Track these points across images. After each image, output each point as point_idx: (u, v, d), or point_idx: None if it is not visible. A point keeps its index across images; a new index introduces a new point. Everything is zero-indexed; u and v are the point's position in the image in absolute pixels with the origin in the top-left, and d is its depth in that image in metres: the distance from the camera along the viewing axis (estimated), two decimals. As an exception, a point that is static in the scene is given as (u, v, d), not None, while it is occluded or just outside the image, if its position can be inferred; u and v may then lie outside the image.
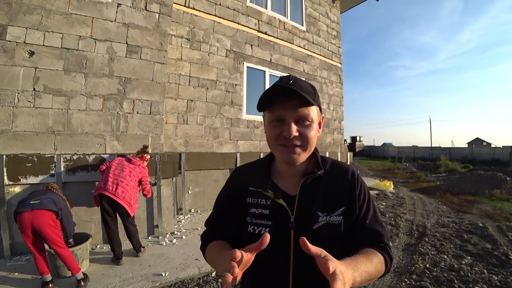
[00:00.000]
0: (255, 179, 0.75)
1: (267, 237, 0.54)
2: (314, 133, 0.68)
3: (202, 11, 4.93)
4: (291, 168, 0.72)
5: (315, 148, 0.75)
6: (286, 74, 0.72)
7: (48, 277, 2.24)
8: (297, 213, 0.69)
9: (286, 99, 0.64)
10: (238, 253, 0.50)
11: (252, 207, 0.73)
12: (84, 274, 2.37)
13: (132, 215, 2.89)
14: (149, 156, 3.27)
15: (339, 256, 0.65)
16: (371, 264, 0.64)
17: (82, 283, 2.28)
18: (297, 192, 0.70)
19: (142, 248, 3.00)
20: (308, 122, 0.67)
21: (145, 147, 3.26)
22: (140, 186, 3.08)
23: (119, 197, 2.76)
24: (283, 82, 0.67)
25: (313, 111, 0.67)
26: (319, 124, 0.73)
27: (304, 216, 0.69)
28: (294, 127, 0.65)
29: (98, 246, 3.21)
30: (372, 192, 7.31)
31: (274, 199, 0.70)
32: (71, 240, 2.55)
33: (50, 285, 2.24)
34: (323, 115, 0.75)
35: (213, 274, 2.67)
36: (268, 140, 0.70)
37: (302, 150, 0.67)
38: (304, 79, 0.73)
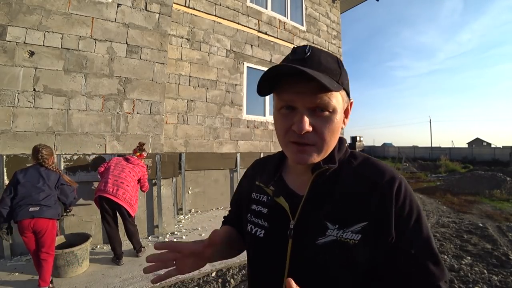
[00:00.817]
0: (264, 172, 0.65)
1: (216, 235, 0.51)
2: (335, 127, 0.51)
3: (202, 11, 4.93)
4: None
5: (339, 139, 0.58)
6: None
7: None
8: (299, 218, 0.54)
9: (298, 79, 0.47)
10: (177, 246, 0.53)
11: (253, 204, 0.63)
12: None
13: (133, 215, 2.90)
14: (145, 153, 3.25)
15: None
16: None
17: None
18: (305, 192, 0.55)
19: (142, 248, 3.00)
20: (327, 113, 0.49)
21: (142, 144, 3.24)
22: (139, 183, 3.08)
23: (120, 198, 2.76)
24: (295, 56, 0.50)
25: (336, 97, 0.49)
26: (346, 112, 0.56)
27: (307, 224, 0.53)
28: (307, 120, 0.48)
29: (98, 246, 3.21)
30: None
31: (273, 197, 0.59)
32: (70, 208, 2.59)
33: (50, 285, 2.24)
34: (351, 100, 0.57)
35: (213, 274, 2.67)
36: (277, 134, 0.54)
37: (316, 151, 0.51)
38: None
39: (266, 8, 5.95)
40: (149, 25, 3.77)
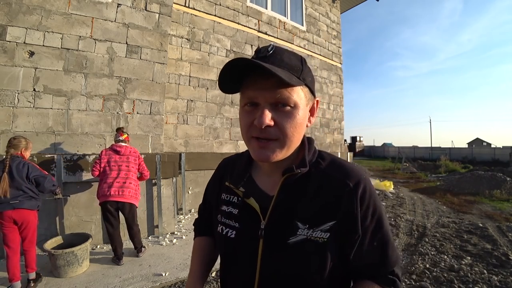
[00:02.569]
0: (233, 172, 0.65)
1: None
2: (297, 122, 0.51)
3: (202, 11, 4.93)
4: (270, 163, 0.56)
5: (308, 140, 0.61)
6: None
7: (18, 284, 2.16)
8: (270, 219, 0.55)
9: (259, 76, 0.49)
10: None
11: (223, 204, 0.63)
12: (36, 273, 2.30)
13: (137, 205, 2.94)
14: (127, 135, 3.03)
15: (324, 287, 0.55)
16: None
17: (32, 283, 2.23)
18: (275, 193, 0.56)
19: (143, 248, 3.00)
20: (288, 108, 0.50)
21: (121, 128, 3.04)
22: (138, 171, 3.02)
23: (127, 197, 2.79)
24: (258, 54, 0.51)
25: (297, 93, 0.50)
26: (311, 110, 0.57)
27: (278, 225, 0.54)
28: (268, 114, 0.49)
29: (98, 246, 3.21)
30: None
31: (243, 198, 0.59)
32: (57, 190, 2.56)
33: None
34: (317, 98, 0.58)
35: (213, 274, 2.68)
36: (241, 131, 0.55)
37: (279, 146, 0.51)
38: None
39: (266, 8, 5.95)
40: (149, 25, 3.77)
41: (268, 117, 0.49)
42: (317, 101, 0.59)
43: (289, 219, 0.54)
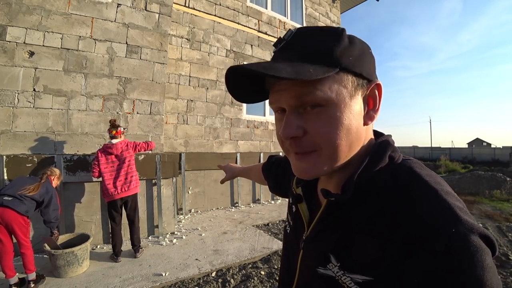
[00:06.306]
0: None
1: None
2: (336, 124, 0.37)
3: (202, 11, 4.93)
4: None
5: (379, 146, 0.43)
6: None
7: (14, 279, 2.17)
8: (309, 235, 0.47)
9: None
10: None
11: (291, 196, 0.58)
12: (38, 275, 2.30)
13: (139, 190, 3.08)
14: (121, 128, 2.99)
15: None
16: None
17: (32, 284, 2.22)
18: (321, 208, 0.45)
19: (140, 249, 2.99)
20: (319, 108, 0.37)
21: (113, 121, 2.97)
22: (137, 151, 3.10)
23: (132, 190, 2.92)
24: (277, 45, 0.42)
25: (327, 84, 0.36)
26: (370, 99, 0.41)
27: (314, 246, 0.45)
28: (292, 123, 0.38)
29: (98, 246, 3.21)
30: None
31: (296, 200, 0.52)
32: (55, 231, 2.53)
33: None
34: (377, 81, 0.41)
35: (213, 274, 2.68)
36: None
37: (320, 158, 0.39)
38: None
39: (266, 8, 5.95)
40: (149, 25, 3.76)
41: (293, 126, 0.38)
42: (378, 84, 0.41)
43: (324, 247, 0.42)
